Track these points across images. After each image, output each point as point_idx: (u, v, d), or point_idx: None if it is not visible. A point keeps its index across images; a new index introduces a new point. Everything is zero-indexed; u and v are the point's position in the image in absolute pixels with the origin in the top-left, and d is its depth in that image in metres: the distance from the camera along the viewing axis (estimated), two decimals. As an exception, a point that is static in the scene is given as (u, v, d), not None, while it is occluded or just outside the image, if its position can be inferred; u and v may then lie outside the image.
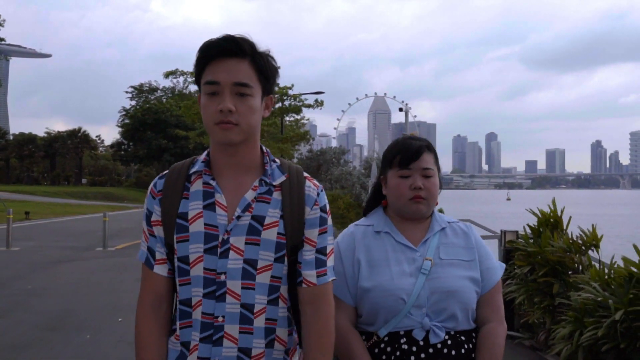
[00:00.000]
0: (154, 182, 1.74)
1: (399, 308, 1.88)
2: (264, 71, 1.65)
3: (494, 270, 2.02)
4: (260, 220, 1.64)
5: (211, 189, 1.66)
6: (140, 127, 66.73)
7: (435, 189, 2.01)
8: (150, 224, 1.70)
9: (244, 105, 1.61)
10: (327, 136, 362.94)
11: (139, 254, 1.74)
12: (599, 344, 4.45)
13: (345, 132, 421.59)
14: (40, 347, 5.72)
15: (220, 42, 1.62)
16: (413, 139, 2.06)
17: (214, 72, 1.61)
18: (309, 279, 1.70)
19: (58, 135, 76.12)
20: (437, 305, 1.89)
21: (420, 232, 2.02)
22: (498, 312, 2.00)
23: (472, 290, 1.95)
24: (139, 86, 77.47)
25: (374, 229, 2.04)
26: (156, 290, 1.70)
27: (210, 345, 1.61)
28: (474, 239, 2.05)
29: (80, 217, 30.56)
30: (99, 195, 58.08)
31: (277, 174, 1.71)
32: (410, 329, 1.88)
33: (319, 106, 30.48)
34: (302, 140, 34.41)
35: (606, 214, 63.18)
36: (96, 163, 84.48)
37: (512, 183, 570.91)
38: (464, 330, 1.94)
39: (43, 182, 77.65)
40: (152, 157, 68.42)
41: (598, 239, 5.59)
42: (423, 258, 1.95)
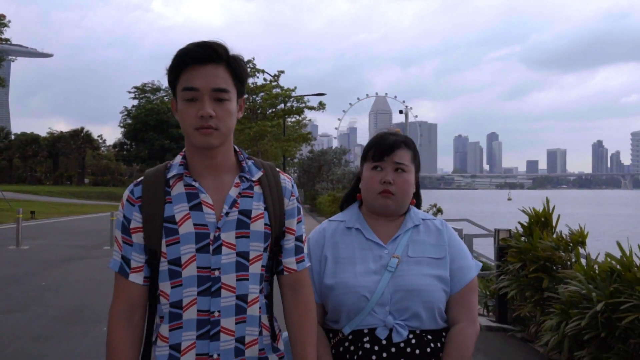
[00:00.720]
0: (130, 189, 1.76)
1: (361, 306, 1.88)
2: (238, 75, 1.70)
3: (466, 270, 1.98)
4: (247, 214, 1.71)
5: (194, 190, 1.70)
6: (143, 127, 67.06)
7: (407, 186, 1.98)
8: (127, 233, 1.72)
9: (223, 110, 1.66)
10: (328, 136, 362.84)
11: (110, 264, 1.75)
12: (582, 333, 4.80)
13: (347, 132, 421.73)
14: (61, 339, 6.08)
15: (196, 49, 1.65)
16: (391, 134, 2.05)
17: (192, 78, 1.64)
18: (290, 266, 1.80)
19: (61, 135, 76.50)
20: (400, 303, 1.88)
21: (392, 229, 2.01)
22: (469, 312, 1.96)
23: (439, 289, 1.91)
24: (141, 86, 77.88)
25: (346, 224, 2.04)
26: (130, 299, 1.72)
27: (208, 341, 1.65)
28: (447, 237, 2.01)
29: (85, 216, 30.93)
30: (102, 194, 58.47)
31: (254, 170, 1.78)
32: (374, 327, 1.87)
33: (322, 109, 30.88)
34: (304, 141, 34.76)
35: (604, 214, 63.41)
36: (98, 163, 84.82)
37: (513, 183, 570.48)
38: (432, 329, 1.92)
39: (46, 182, 78.05)
40: (154, 157, 68.70)
41: (585, 237, 5.95)
42: (391, 255, 1.93)
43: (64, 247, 15.19)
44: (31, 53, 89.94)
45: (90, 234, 19.69)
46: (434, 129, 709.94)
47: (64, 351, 5.61)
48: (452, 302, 1.95)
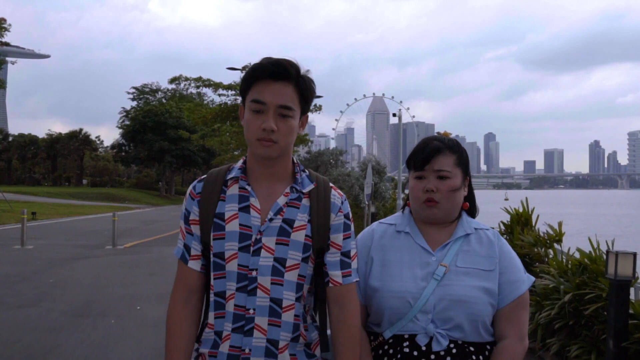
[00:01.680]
0: (193, 185, 1.89)
1: (404, 311, 1.87)
2: (305, 94, 1.80)
3: (516, 284, 1.92)
4: (290, 223, 1.79)
5: (247, 193, 1.81)
6: (141, 128, 67.30)
7: (451, 192, 1.94)
8: (188, 223, 1.86)
9: (285, 126, 1.76)
10: (325, 137, 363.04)
11: (175, 250, 1.92)
12: (553, 322, 5.27)
13: (344, 132, 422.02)
14: (73, 330, 6.52)
15: (270, 66, 1.75)
16: (436, 139, 2.01)
17: (261, 92, 1.75)
18: (335, 279, 1.85)
19: (59, 136, 76.74)
20: (444, 313, 1.85)
21: (443, 236, 1.98)
22: (517, 329, 1.90)
23: (485, 302, 1.87)
24: (140, 87, 78.21)
25: (396, 228, 2.03)
26: (188, 283, 1.86)
27: (242, 336, 1.74)
28: (498, 249, 1.96)
29: (85, 217, 31.21)
30: (101, 195, 58.65)
31: (306, 182, 1.86)
32: (415, 333, 1.86)
33: (317, 111, 31.36)
34: (301, 143, 35.14)
35: (596, 214, 63.90)
36: (97, 164, 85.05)
37: (510, 183, 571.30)
38: (475, 342, 1.88)
39: (44, 183, 78.29)
40: (153, 159, 69.01)
41: (561, 235, 6.41)
42: (438, 263, 1.91)
43: (68, 246, 15.60)
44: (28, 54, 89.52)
45: (92, 234, 20.07)
46: (431, 130, 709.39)
47: (76, 342, 6.04)
48: (499, 317, 1.91)
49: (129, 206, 47.48)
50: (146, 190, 73.85)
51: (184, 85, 73.06)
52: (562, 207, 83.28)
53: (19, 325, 6.70)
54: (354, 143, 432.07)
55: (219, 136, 35.13)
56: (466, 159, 2.01)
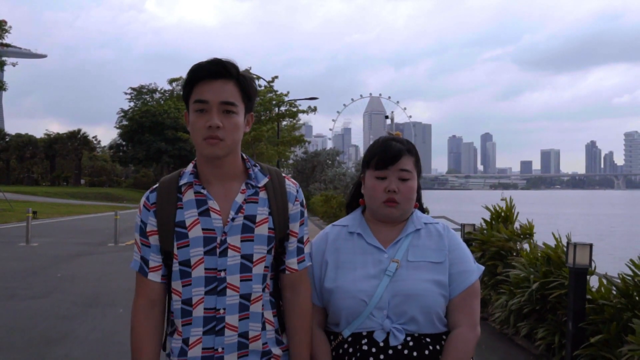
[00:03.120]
0: (146, 195, 1.88)
1: (360, 310, 1.91)
2: (247, 91, 1.81)
3: (466, 274, 1.97)
4: (252, 219, 1.82)
5: (203, 197, 1.81)
6: (139, 129, 67.79)
7: (411, 193, 1.99)
8: (145, 235, 1.85)
9: (230, 122, 1.76)
10: (322, 137, 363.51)
11: (131, 264, 1.90)
12: (522, 308, 5.82)
13: (341, 132, 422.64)
14: (84, 318, 7.05)
15: (208, 65, 1.76)
16: (394, 140, 2.04)
17: (202, 91, 1.75)
18: (291, 266, 1.91)
19: (58, 136, 77.18)
20: (398, 307, 1.90)
21: (394, 234, 2.02)
22: (469, 317, 1.96)
23: (437, 294, 1.92)
24: (138, 88, 78.68)
25: (348, 229, 2.06)
26: (150, 295, 1.85)
27: (214, 336, 1.77)
28: (448, 241, 2.00)
29: (85, 216, 31.70)
30: (99, 195, 59.16)
31: (260, 176, 1.88)
32: (372, 330, 1.90)
33: (313, 111, 31.93)
34: (298, 144, 35.72)
35: (589, 214, 64.55)
36: (95, 164, 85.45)
37: (507, 183, 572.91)
38: (431, 333, 1.93)
39: (42, 183, 78.68)
40: (150, 159, 69.47)
41: (532, 230, 6.97)
42: (390, 260, 1.95)
43: (71, 244, 16.11)
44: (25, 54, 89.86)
45: (94, 232, 20.56)
46: (428, 130, 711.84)
47: (88, 328, 6.58)
48: (452, 307, 1.96)
49: (128, 206, 47.98)
50: (144, 190, 73.77)
51: (177, 84, 73.65)
52: (556, 207, 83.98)
53: (34, 314, 7.24)
54: (351, 143, 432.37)
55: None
56: (419, 161, 2.08)
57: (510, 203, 7.71)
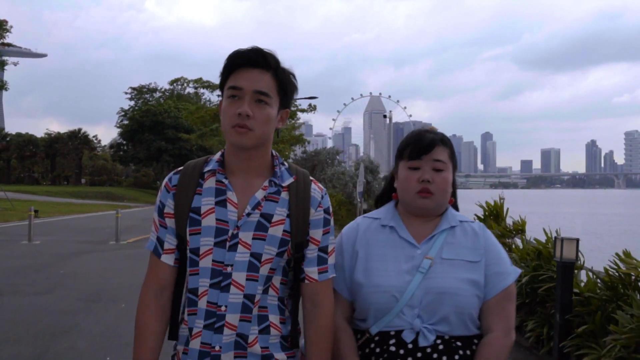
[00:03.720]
0: (169, 177, 1.83)
1: (390, 306, 1.83)
2: (283, 85, 1.75)
3: (503, 276, 1.89)
4: (268, 218, 1.74)
5: (223, 186, 1.76)
6: (139, 128, 68.00)
7: (445, 185, 1.91)
8: (162, 216, 1.81)
9: (261, 113, 1.70)
10: (323, 136, 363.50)
11: (147, 244, 1.85)
12: (513, 301, 6.00)
13: (341, 131, 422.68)
14: (87, 313, 7.24)
15: (248, 53, 1.72)
16: (428, 132, 1.98)
17: (238, 78, 1.71)
18: (311, 275, 1.81)
19: (59, 136, 77.40)
20: (430, 306, 1.82)
21: (428, 229, 1.94)
22: (504, 321, 1.87)
23: (472, 294, 1.84)
24: (138, 87, 78.92)
25: (381, 222, 1.99)
26: (161, 278, 1.80)
27: (212, 332, 1.70)
28: (484, 241, 1.93)
29: (86, 215, 31.83)
30: (100, 194, 59.26)
31: (285, 176, 1.80)
32: (401, 329, 1.82)
33: (312, 111, 32.18)
34: (298, 143, 35.93)
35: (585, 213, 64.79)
36: (95, 163, 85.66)
37: (507, 183, 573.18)
38: (462, 335, 1.85)
39: (43, 182, 78.88)
40: (151, 158, 69.67)
41: (524, 227, 7.15)
42: (423, 256, 1.87)
43: (73, 242, 16.29)
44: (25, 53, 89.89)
45: (95, 231, 20.72)
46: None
47: (91, 322, 6.76)
48: (486, 309, 1.88)
49: (128, 205, 48.10)
50: (144, 189, 74.47)
51: (182, 86, 74.02)
52: (556, 206, 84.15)
53: (39, 309, 7.42)
54: (351, 142, 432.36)
55: (218, 135, 35.84)
56: (455, 154, 2.00)
57: (501, 201, 7.91)
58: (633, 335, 4.20)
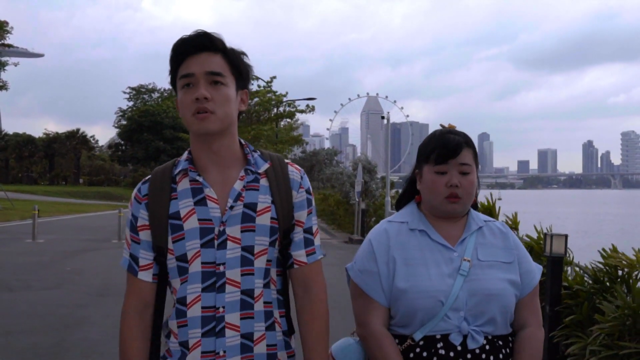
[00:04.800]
0: (138, 187, 1.76)
1: (436, 310, 1.81)
2: (236, 65, 1.70)
3: (532, 273, 1.93)
4: (252, 207, 1.68)
5: (199, 185, 1.69)
6: (138, 128, 68.27)
7: (472, 188, 1.91)
8: (135, 231, 1.72)
9: (219, 94, 1.64)
10: (320, 136, 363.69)
11: (121, 262, 1.76)
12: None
13: (338, 132, 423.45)
14: (97, 306, 7.55)
15: (192, 38, 1.66)
16: (452, 133, 1.96)
17: (188, 65, 1.65)
18: (300, 259, 1.76)
19: (57, 136, 77.57)
20: (476, 308, 1.82)
21: (457, 231, 1.93)
22: (537, 316, 1.93)
23: (512, 294, 1.86)
24: (137, 87, 79.19)
25: (409, 226, 1.95)
26: (141, 296, 1.72)
27: (214, 338, 1.63)
28: (513, 240, 1.95)
29: (86, 214, 32.14)
30: (98, 194, 59.47)
31: (260, 162, 1.75)
32: (447, 333, 1.81)
33: (311, 111, 32.49)
34: (296, 144, 36.25)
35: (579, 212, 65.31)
36: (93, 163, 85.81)
37: (504, 183, 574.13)
38: (501, 335, 1.87)
39: (41, 182, 79.00)
40: (149, 158, 69.89)
41: (517, 224, 7.44)
42: (461, 258, 1.87)
43: (76, 240, 16.60)
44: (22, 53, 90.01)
45: (96, 230, 21.02)
46: (425, 129, 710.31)
47: (102, 314, 7.06)
48: (521, 306, 1.90)
49: (127, 204, 48.25)
50: (143, 189, 74.76)
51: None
52: (553, 206, 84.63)
53: (50, 303, 7.73)
54: (348, 143, 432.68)
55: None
56: (477, 154, 2.00)
57: (498, 200, 8.22)
58: (616, 324, 4.49)
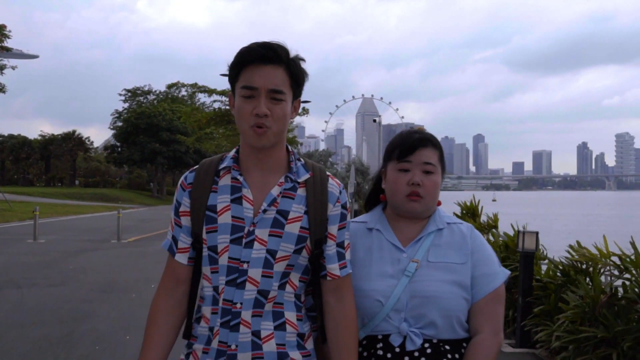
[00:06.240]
0: (185, 175, 1.82)
1: (375, 310, 1.83)
2: (296, 77, 1.74)
3: (491, 277, 1.87)
4: (284, 215, 1.72)
5: (239, 183, 1.74)
6: (134, 130, 68.55)
7: (434, 188, 1.90)
8: (178, 215, 1.80)
9: (278, 110, 1.69)
10: (315, 138, 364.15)
11: (163, 242, 1.86)
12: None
13: (334, 133, 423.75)
14: (102, 302, 7.99)
15: (259, 49, 1.69)
16: (416, 132, 1.96)
17: (251, 77, 1.68)
18: (333, 272, 1.79)
19: (53, 137, 77.83)
20: (416, 310, 1.81)
21: (415, 232, 1.93)
22: (492, 323, 1.86)
23: (458, 297, 1.83)
24: (133, 89, 79.49)
25: (367, 225, 1.98)
26: (176, 275, 1.81)
27: (228, 331, 1.69)
28: (471, 242, 1.90)
29: (83, 216, 32.42)
30: (95, 196, 59.61)
31: (301, 171, 1.79)
32: (388, 333, 1.82)
33: (305, 114, 33.05)
34: (290, 145, 36.74)
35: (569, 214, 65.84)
36: (89, 165, 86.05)
37: (499, 184, 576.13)
38: (450, 339, 1.84)
39: (37, 183, 79.19)
40: (145, 160, 70.20)
41: (497, 223, 7.95)
42: (410, 259, 1.86)
43: (76, 241, 16.99)
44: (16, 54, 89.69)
45: (95, 230, 21.38)
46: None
47: (108, 309, 7.51)
48: (474, 311, 1.87)
49: (123, 206, 48.65)
50: (138, 190, 75.04)
51: (176, 88, 74.79)
52: (546, 208, 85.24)
53: (57, 298, 8.17)
54: (343, 144, 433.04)
55: (214, 139, 36.44)
56: (444, 156, 1.98)
57: (475, 200, 8.72)
58: (577, 312, 4.98)
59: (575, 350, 4.88)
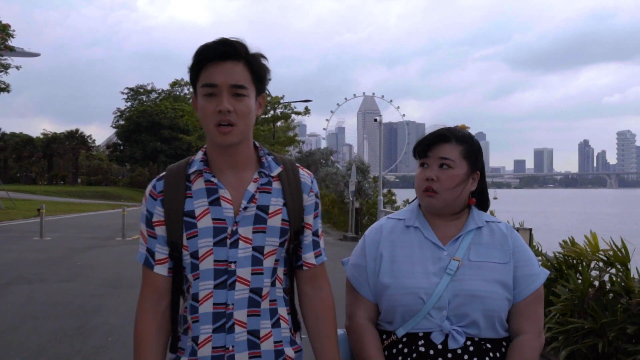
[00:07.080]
0: (152, 184, 1.79)
1: (417, 308, 1.81)
2: (257, 72, 1.72)
3: (532, 278, 1.87)
4: (265, 210, 1.73)
5: (214, 185, 1.73)
6: (136, 128, 68.89)
7: (452, 183, 1.85)
8: (151, 226, 1.75)
9: (241, 106, 1.67)
10: (316, 136, 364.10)
11: (137, 256, 1.80)
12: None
13: (335, 131, 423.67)
14: (111, 296, 8.26)
15: (216, 46, 1.67)
16: (441, 129, 1.94)
17: (211, 74, 1.67)
18: (309, 261, 1.83)
19: (55, 136, 78.20)
20: (459, 309, 1.80)
21: (454, 230, 1.91)
22: (534, 324, 1.86)
23: (501, 297, 1.82)
24: (135, 88, 79.84)
25: (405, 223, 1.96)
26: (156, 288, 1.77)
27: (225, 334, 1.68)
28: (512, 242, 1.89)
29: (87, 214, 32.63)
30: (97, 194, 59.94)
31: (273, 165, 1.80)
32: (429, 331, 1.80)
33: (307, 114, 33.33)
34: (291, 144, 37.03)
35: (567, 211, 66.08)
36: (91, 163, 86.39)
37: (500, 182, 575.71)
38: (491, 338, 1.83)
39: (39, 182, 79.55)
40: (147, 159, 70.54)
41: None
42: (450, 257, 1.84)
43: (82, 238, 17.27)
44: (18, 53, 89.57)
45: (100, 228, 21.67)
46: (422, 129, 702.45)
47: (117, 303, 7.78)
48: (516, 312, 1.86)
49: (126, 204, 48.83)
50: (140, 188, 75.20)
51: (178, 87, 75.08)
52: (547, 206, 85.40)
53: (68, 293, 8.46)
54: (344, 142, 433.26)
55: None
56: (476, 152, 1.92)
57: (494, 199, 8.98)
58: (567, 304, 5.23)
59: (565, 340, 5.14)
